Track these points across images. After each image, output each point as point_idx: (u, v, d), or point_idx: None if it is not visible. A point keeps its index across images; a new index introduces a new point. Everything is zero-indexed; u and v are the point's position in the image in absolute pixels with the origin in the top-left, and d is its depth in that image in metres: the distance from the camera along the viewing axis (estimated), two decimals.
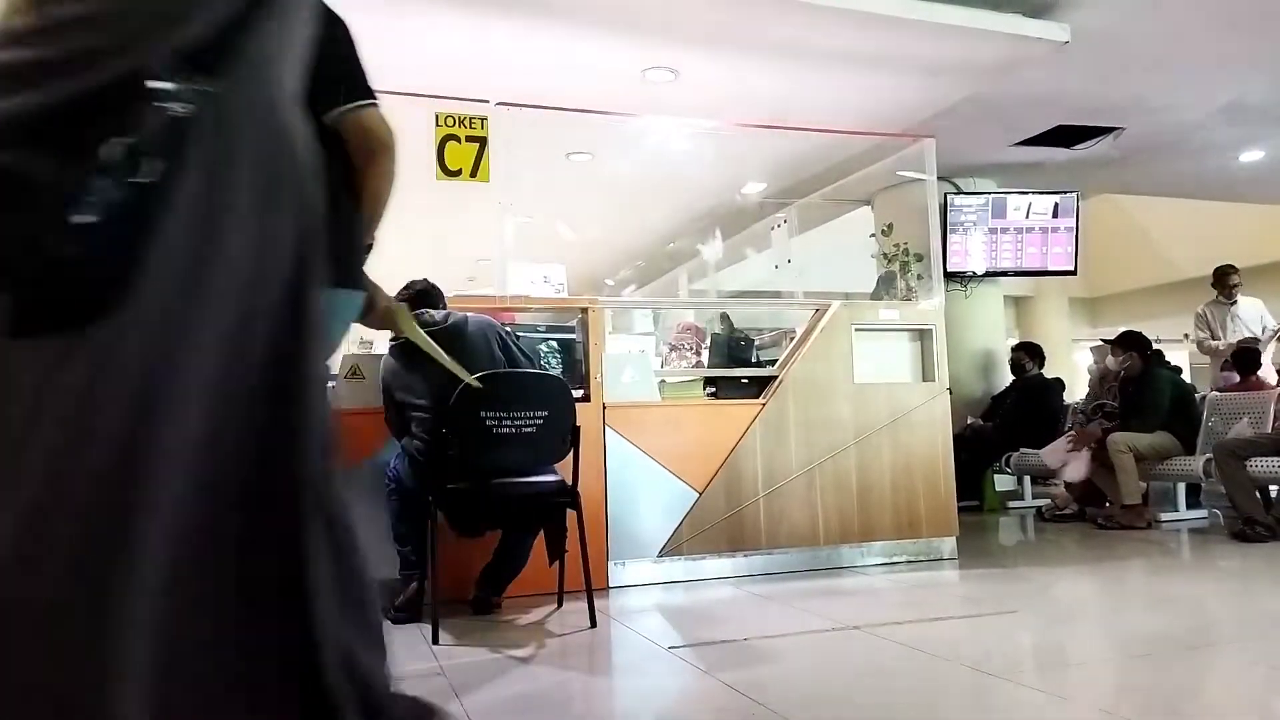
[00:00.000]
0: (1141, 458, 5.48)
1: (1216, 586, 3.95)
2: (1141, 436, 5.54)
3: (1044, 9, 4.55)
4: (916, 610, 3.37)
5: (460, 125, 3.86)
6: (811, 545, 4.17)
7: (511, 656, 2.81)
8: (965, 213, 7.15)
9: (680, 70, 4.97)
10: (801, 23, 4.38)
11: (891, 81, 5.15)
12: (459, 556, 3.45)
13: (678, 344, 4.95)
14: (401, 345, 3.31)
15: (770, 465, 4.13)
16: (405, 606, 3.26)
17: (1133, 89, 5.67)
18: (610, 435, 3.89)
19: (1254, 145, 6.95)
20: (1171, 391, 5.73)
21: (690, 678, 2.57)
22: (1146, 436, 5.54)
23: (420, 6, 4.19)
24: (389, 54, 4.61)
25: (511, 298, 4.09)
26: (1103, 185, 7.90)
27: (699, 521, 3.99)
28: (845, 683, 2.46)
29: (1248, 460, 4.96)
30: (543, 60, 4.77)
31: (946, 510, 4.42)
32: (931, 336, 4.51)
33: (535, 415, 3.09)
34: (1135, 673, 2.55)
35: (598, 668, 2.83)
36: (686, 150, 5.16)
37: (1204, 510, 5.90)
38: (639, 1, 4.20)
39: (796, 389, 4.22)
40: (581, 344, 3.99)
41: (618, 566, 3.87)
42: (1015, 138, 6.52)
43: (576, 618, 3.23)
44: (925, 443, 4.40)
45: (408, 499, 3.27)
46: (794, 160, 6.52)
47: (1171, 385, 5.79)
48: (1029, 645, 2.97)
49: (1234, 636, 3.00)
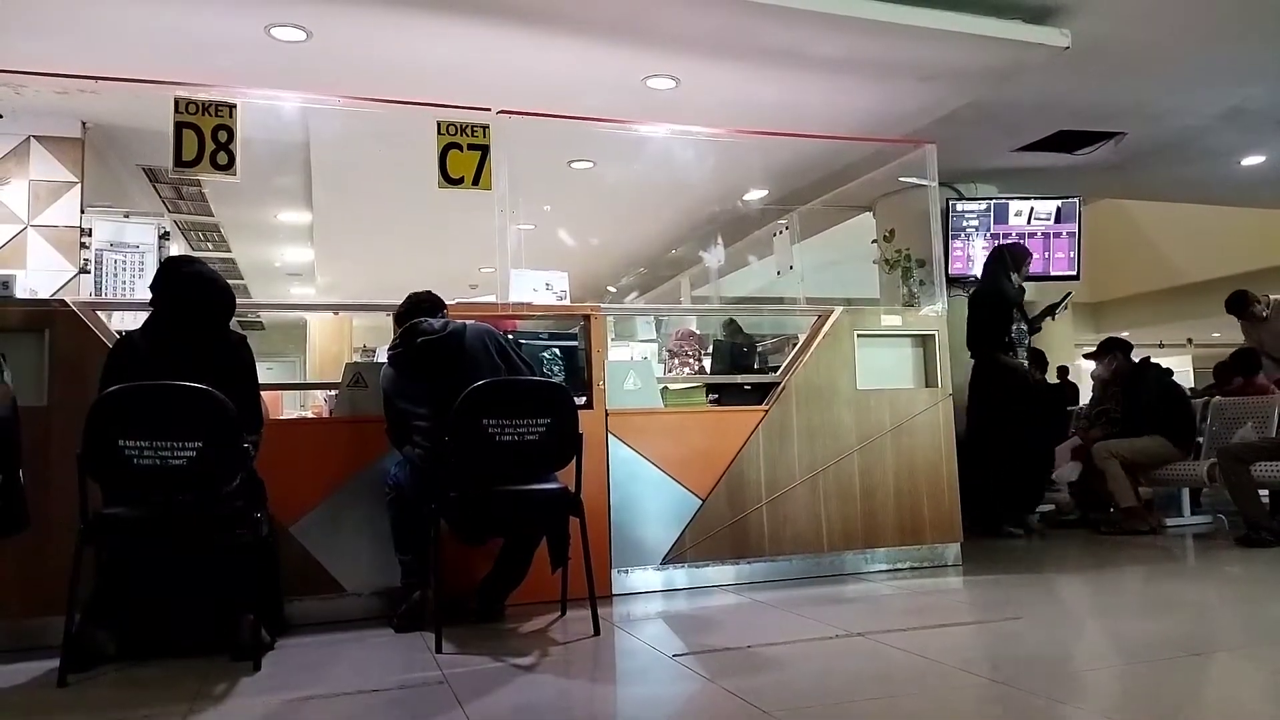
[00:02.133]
0: (1131, 463, 5.46)
1: (1221, 592, 3.94)
2: (1124, 442, 5.53)
3: (1044, 15, 4.55)
4: (920, 617, 3.36)
5: (462, 134, 3.86)
6: (815, 552, 4.16)
7: (515, 665, 2.80)
8: (967, 218, 7.15)
9: (681, 78, 4.98)
10: (802, 30, 4.39)
11: (892, 88, 5.16)
12: (462, 564, 3.45)
13: (676, 351, 4.95)
14: (402, 353, 3.31)
15: (773, 472, 4.12)
16: (408, 615, 3.25)
17: (1134, 94, 5.68)
18: (613, 442, 3.88)
19: (1256, 150, 6.95)
20: (1160, 391, 5.70)
21: (694, 685, 2.56)
22: (1132, 441, 5.52)
23: (422, 16, 4.20)
24: (391, 62, 4.65)
25: (514, 305, 4.08)
26: (1105, 190, 7.90)
27: (702, 528, 3.98)
28: (849, 690, 2.46)
29: (1252, 465, 4.95)
30: (544, 68, 4.78)
31: (950, 516, 4.41)
32: (934, 342, 4.51)
33: (537, 423, 3.09)
34: (1140, 679, 2.54)
35: (601, 676, 2.83)
36: (688, 158, 5.16)
37: (1208, 515, 5.88)
38: (640, 10, 4.21)
39: (799, 395, 4.21)
40: (584, 351, 3.99)
41: (621, 574, 3.87)
42: (1017, 143, 6.52)
43: (580, 625, 3.22)
44: (928, 449, 4.39)
45: (408, 507, 3.27)
46: (795, 167, 6.52)
47: (1159, 385, 5.75)
48: (1033, 651, 2.96)
49: (1239, 642, 2.99)
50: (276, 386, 5.40)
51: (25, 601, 3.10)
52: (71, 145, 5.36)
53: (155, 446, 2.64)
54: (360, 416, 3.59)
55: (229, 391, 2.76)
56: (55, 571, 2.79)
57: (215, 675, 2.70)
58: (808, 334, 4.40)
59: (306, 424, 4.57)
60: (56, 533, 2.95)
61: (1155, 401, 5.64)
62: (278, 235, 8.68)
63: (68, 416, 3.01)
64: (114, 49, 4.43)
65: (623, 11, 4.22)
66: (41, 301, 3.53)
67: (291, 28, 4.31)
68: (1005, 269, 5.67)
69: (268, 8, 4.13)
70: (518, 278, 4.30)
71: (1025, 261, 5.87)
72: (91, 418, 2.63)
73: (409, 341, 3.30)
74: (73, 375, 3.19)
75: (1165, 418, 5.57)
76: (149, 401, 2.70)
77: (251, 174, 3.80)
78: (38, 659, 2.86)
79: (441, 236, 7.47)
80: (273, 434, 3.21)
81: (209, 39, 4.38)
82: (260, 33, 4.33)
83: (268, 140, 5.02)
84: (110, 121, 5.41)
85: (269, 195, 7.16)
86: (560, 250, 8.29)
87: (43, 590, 3.02)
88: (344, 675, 2.74)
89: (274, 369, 13.32)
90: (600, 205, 7.64)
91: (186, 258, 3.41)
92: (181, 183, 6.71)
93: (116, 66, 4.04)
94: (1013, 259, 5.74)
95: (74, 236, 5.30)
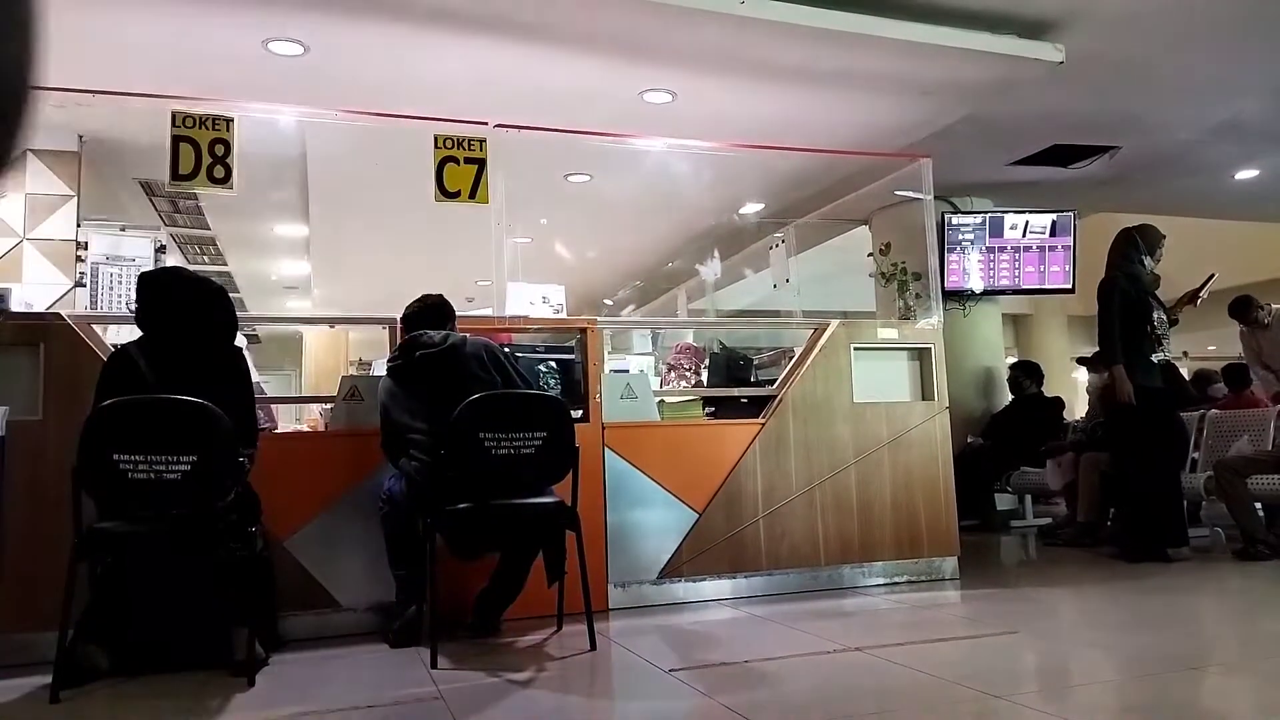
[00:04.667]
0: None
1: (1219, 606, 3.93)
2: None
3: (1039, 30, 4.58)
4: (918, 631, 3.35)
5: (459, 147, 3.88)
6: (812, 566, 4.15)
7: (511, 680, 2.79)
8: (963, 232, 7.17)
9: (678, 92, 5.00)
10: (798, 45, 4.41)
11: (888, 102, 5.18)
12: (457, 579, 3.43)
13: (675, 364, 4.95)
14: (399, 366, 3.31)
15: (770, 485, 4.12)
16: (403, 630, 3.24)
17: (1128, 108, 5.71)
18: (609, 455, 3.88)
19: (1249, 163, 6.98)
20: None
21: (691, 700, 2.55)
22: None
23: (420, 30, 4.22)
24: (388, 77, 4.66)
25: (510, 318, 4.09)
26: (1099, 203, 7.93)
27: (699, 542, 3.97)
28: (846, 705, 2.44)
29: (1249, 478, 4.95)
30: (541, 82, 4.80)
31: (947, 530, 4.40)
32: (930, 355, 4.51)
33: (534, 436, 3.08)
34: (1138, 693, 2.53)
35: (598, 690, 2.81)
36: (684, 171, 5.18)
37: (1205, 529, 5.87)
38: (638, 24, 4.23)
39: (796, 408, 4.21)
40: (580, 364, 3.98)
41: (617, 588, 3.85)
42: (1012, 157, 6.55)
43: (576, 640, 3.21)
44: (925, 462, 4.39)
45: (403, 521, 3.26)
46: (792, 180, 6.54)
47: None
48: (1031, 666, 2.95)
49: (1237, 657, 2.99)
50: (272, 400, 5.39)
51: (18, 616, 3.07)
52: (68, 159, 5.36)
53: (150, 460, 2.63)
54: (356, 430, 3.58)
55: (225, 404, 2.75)
56: (48, 586, 2.78)
57: (209, 691, 2.68)
58: (804, 347, 4.40)
59: (302, 438, 4.55)
60: (50, 547, 2.93)
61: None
62: (274, 249, 8.69)
63: (62, 430, 3.00)
64: (111, 63, 4.44)
65: (620, 26, 4.24)
66: (37, 315, 3.52)
67: (289, 42, 4.32)
68: (1138, 251, 5.03)
69: (265, 22, 4.14)
70: (514, 291, 4.31)
71: (1160, 243, 5.14)
72: (86, 431, 2.62)
73: (407, 354, 3.29)
74: (68, 389, 3.18)
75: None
76: (144, 415, 2.69)
77: (248, 188, 3.80)
78: (30, 674, 2.84)
79: (438, 250, 7.47)
80: (268, 447, 3.21)
81: (207, 53, 4.40)
82: (258, 47, 4.34)
83: (265, 154, 5.02)
84: (107, 135, 5.42)
85: (266, 209, 7.17)
86: (557, 264, 8.29)
87: (35, 605, 2.99)
88: (339, 691, 2.72)
89: (270, 382, 13.29)
90: (597, 219, 7.66)
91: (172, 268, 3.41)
92: (178, 196, 6.71)
93: (114, 80, 4.05)
94: (1144, 241, 5.08)
95: (70, 250, 5.30)
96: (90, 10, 3.98)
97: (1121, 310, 4.87)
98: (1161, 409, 4.91)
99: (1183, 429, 5.58)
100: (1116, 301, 4.88)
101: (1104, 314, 4.90)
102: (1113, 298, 4.90)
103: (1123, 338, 4.84)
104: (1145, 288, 4.99)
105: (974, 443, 7.09)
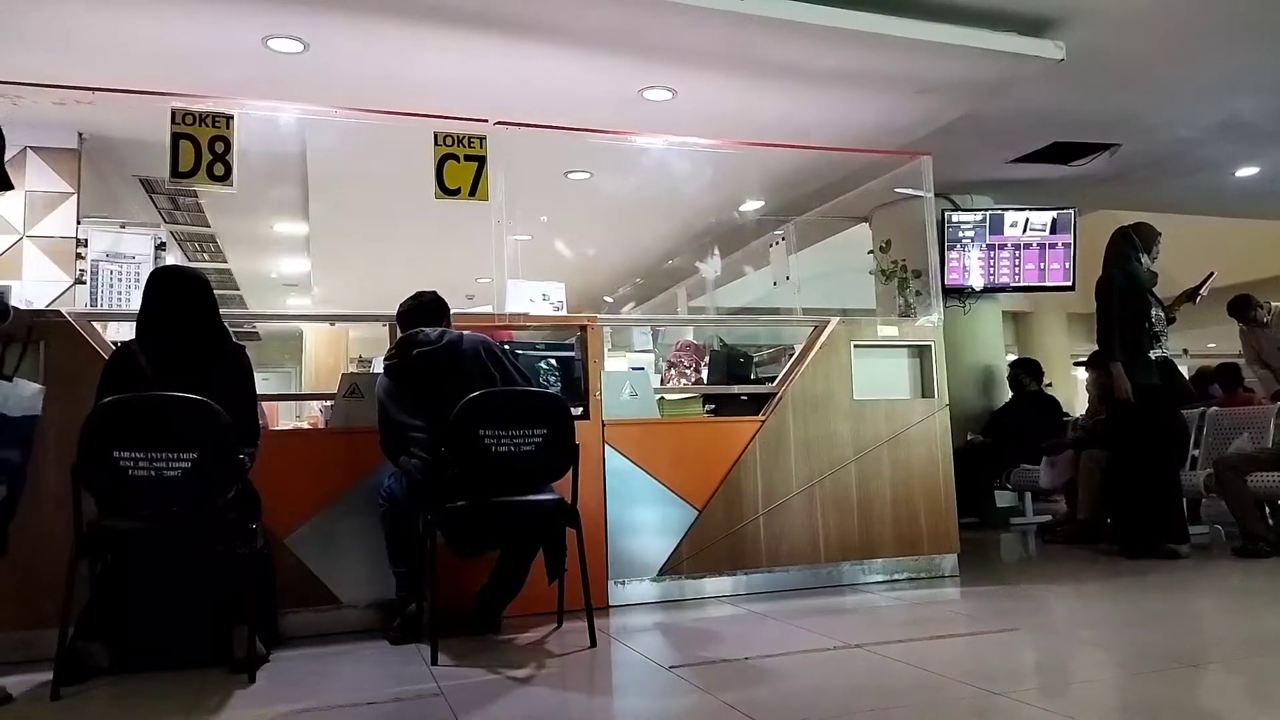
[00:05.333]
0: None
1: (1219, 603, 3.93)
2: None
3: (1039, 27, 4.57)
4: (918, 628, 3.35)
5: (459, 145, 3.87)
6: (812, 563, 4.15)
7: (511, 677, 2.79)
8: (963, 229, 7.17)
9: (679, 89, 5.00)
10: (798, 43, 4.41)
11: (888, 99, 5.18)
12: (458, 576, 3.44)
13: (676, 362, 4.95)
14: (396, 364, 3.30)
15: (770, 482, 4.12)
16: (404, 627, 3.24)
17: (1128, 106, 5.71)
18: (609, 453, 3.88)
19: (1250, 161, 6.98)
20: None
21: (691, 698, 2.55)
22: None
23: (420, 28, 4.21)
24: (389, 74, 4.66)
25: (510, 316, 4.09)
26: (1100, 201, 7.92)
27: (699, 540, 3.97)
28: (846, 702, 2.45)
29: (1248, 475, 4.95)
30: (542, 80, 4.79)
31: (947, 527, 4.40)
32: (930, 353, 4.51)
33: (534, 433, 3.08)
34: (1137, 690, 2.53)
35: (598, 688, 2.81)
36: (684, 168, 5.18)
37: (1205, 526, 5.88)
38: (638, 22, 4.22)
39: (796, 406, 4.21)
40: (580, 362, 3.98)
41: (618, 585, 3.85)
42: (1012, 154, 6.55)
43: (576, 637, 3.21)
44: (925, 459, 4.39)
45: (403, 518, 3.26)
46: (792, 178, 6.54)
47: None
48: (1031, 663, 2.96)
49: (1237, 654, 2.99)
50: (272, 397, 5.40)
51: (18, 614, 3.08)
52: (68, 156, 5.36)
53: (150, 458, 2.63)
54: (356, 428, 3.58)
55: (226, 401, 2.75)
56: (49, 583, 2.78)
57: (210, 688, 2.68)
58: (804, 345, 4.40)
59: (302, 435, 4.56)
60: (50, 544, 2.93)
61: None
62: (274, 246, 8.68)
63: (62, 427, 3.00)
64: (111, 60, 4.44)
65: (620, 24, 4.24)
66: (37, 312, 3.52)
67: (289, 39, 4.32)
68: (1134, 249, 5.03)
69: (265, 20, 4.14)
70: (514, 288, 4.30)
71: (1156, 240, 5.14)
72: (86, 429, 2.62)
73: (405, 352, 3.29)
74: (68, 386, 3.18)
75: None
76: (144, 412, 2.69)
77: (248, 185, 3.80)
78: (31, 672, 2.84)
79: (438, 247, 7.47)
80: (268, 445, 3.20)
81: (206, 50, 4.39)
82: (258, 44, 4.34)
83: (265, 151, 5.02)
84: (107, 132, 5.42)
85: (265, 206, 7.17)
86: (557, 261, 8.29)
87: (36, 602, 3.00)
88: (339, 688, 2.73)
89: (270, 379, 13.30)
90: (597, 216, 7.66)
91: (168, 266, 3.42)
92: (178, 193, 6.71)
93: (114, 78, 4.05)
94: (1141, 239, 5.07)
95: (70, 247, 5.30)
96: (90, 8, 3.98)
97: (1120, 308, 4.89)
98: (1160, 406, 4.91)
99: (1183, 426, 5.58)
100: (1115, 299, 4.90)
101: (1102, 312, 4.93)
102: (1111, 296, 4.92)
103: (1121, 335, 4.85)
104: (1143, 285, 5.01)
105: (974, 440, 7.09)
